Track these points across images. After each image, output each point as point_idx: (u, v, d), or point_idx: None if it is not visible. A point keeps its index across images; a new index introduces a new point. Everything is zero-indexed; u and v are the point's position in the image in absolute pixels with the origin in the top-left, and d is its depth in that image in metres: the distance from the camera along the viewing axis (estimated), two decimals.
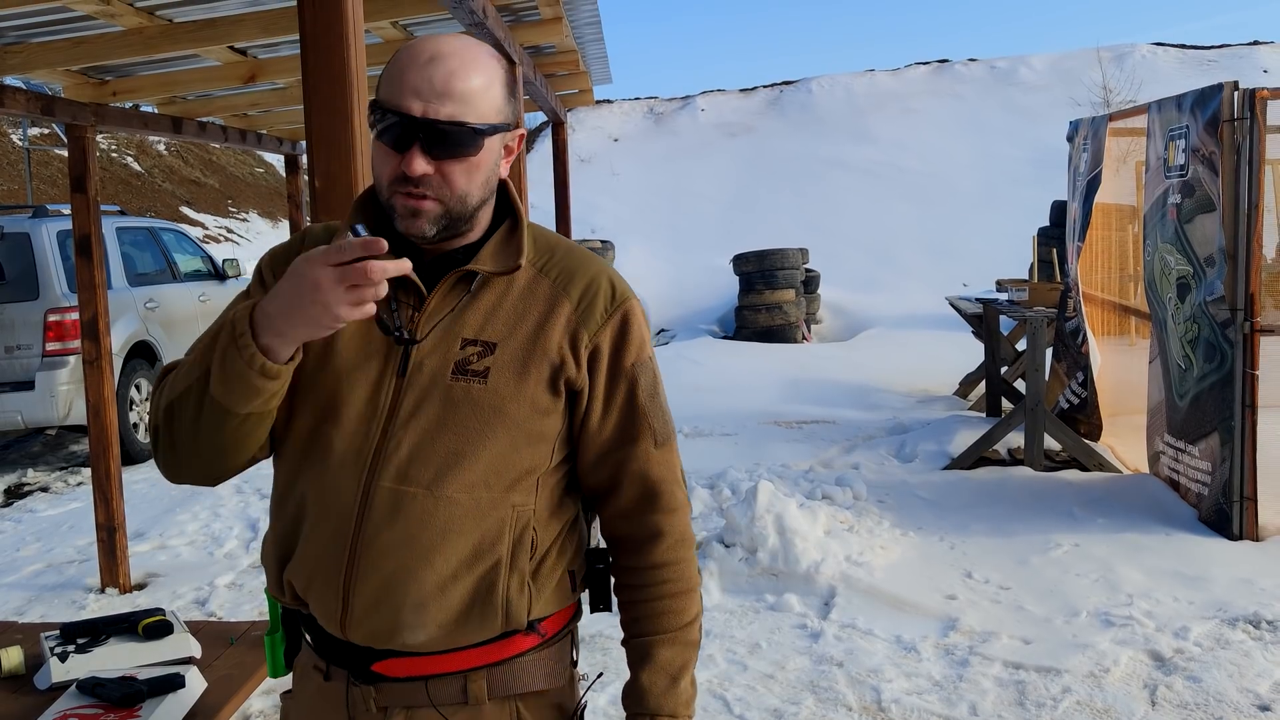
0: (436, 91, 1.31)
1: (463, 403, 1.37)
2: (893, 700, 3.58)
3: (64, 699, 2.18)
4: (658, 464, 1.47)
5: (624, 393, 1.45)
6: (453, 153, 1.33)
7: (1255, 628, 4.01)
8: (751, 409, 8.17)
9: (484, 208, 1.42)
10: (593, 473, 1.48)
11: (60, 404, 7.37)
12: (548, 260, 1.46)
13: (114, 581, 4.92)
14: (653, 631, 1.48)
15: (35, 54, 4.23)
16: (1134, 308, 6.49)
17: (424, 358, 1.38)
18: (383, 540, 1.36)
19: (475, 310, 1.40)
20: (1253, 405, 4.84)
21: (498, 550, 1.39)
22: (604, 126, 22.04)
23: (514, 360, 1.39)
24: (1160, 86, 15.42)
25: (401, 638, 1.38)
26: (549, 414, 1.41)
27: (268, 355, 1.28)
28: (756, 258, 12.71)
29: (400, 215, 1.35)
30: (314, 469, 1.40)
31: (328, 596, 1.38)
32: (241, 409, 1.32)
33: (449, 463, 1.36)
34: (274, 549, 1.46)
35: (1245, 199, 4.79)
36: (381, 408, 1.38)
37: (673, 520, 1.48)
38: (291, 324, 1.26)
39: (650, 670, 1.47)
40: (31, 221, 7.78)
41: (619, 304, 1.46)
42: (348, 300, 1.22)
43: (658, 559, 1.48)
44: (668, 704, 1.47)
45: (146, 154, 26.61)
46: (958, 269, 14.50)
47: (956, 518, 5.34)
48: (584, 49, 6.60)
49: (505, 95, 1.40)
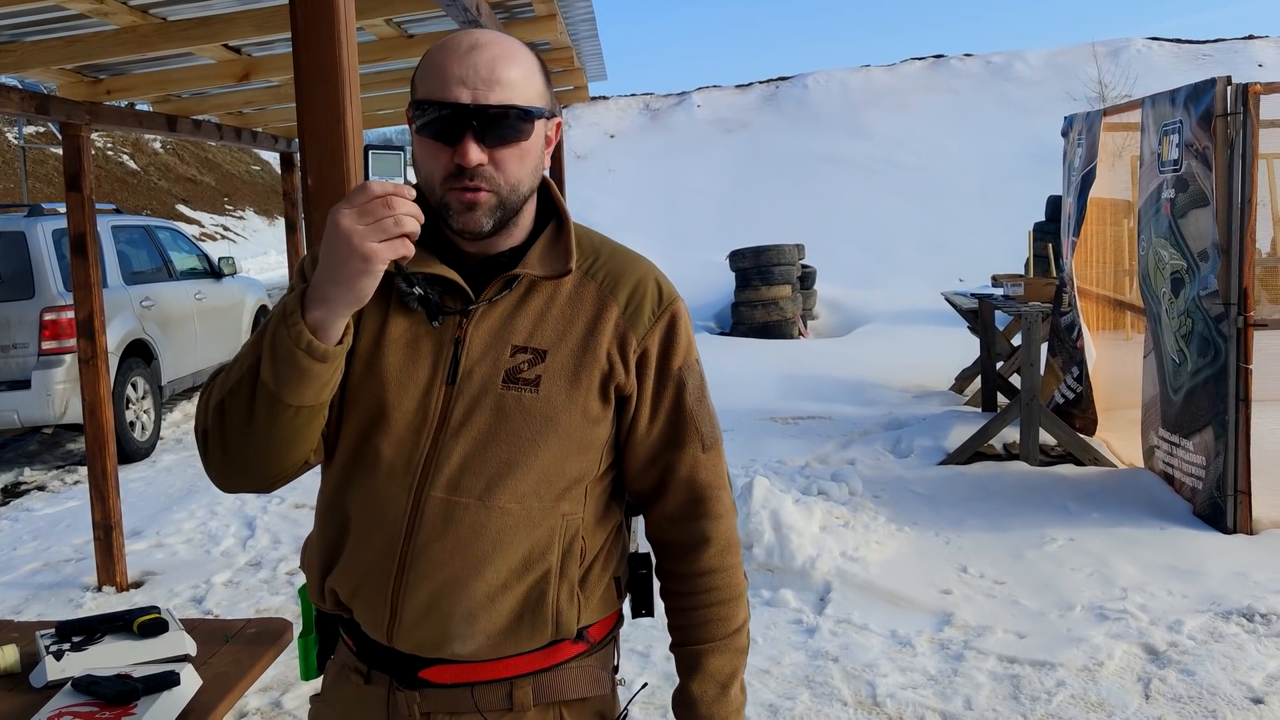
0: (483, 79, 1.29)
1: (514, 412, 1.35)
2: (888, 695, 3.59)
3: (59, 697, 2.18)
4: (705, 468, 1.46)
5: (671, 396, 1.43)
6: (506, 138, 1.31)
7: (1249, 621, 4.02)
8: (747, 405, 8.17)
9: (530, 203, 1.40)
10: (640, 478, 1.46)
11: (56, 403, 7.37)
12: (593, 262, 1.44)
13: (111, 580, 4.92)
14: (702, 640, 1.47)
15: (29, 53, 4.22)
16: (1129, 302, 6.50)
17: (473, 365, 1.36)
18: (434, 551, 1.34)
19: (524, 316, 1.38)
20: (1246, 399, 4.85)
21: (548, 560, 1.37)
22: (600, 123, 22.03)
23: (565, 368, 1.37)
24: (1155, 81, 15.42)
25: (450, 648, 1.36)
26: (599, 422, 1.39)
27: (315, 333, 1.24)
28: (753, 254, 12.72)
29: (456, 211, 1.32)
30: (362, 477, 1.38)
31: (376, 605, 1.37)
32: (293, 398, 1.27)
33: (501, 473, 1.34)
34: (318, 556, 1.44)
35: (1238, 193, 4.80)
36: (431, 416, 1.35)
37: (720, 526, 1.47)
38: (331, 281, 1.22)
39: (700, 679, 1.46)
40: (27, 220, 7.77)
41: (666, 306, 1.44)
42: (373, 236, 1.19)
43: (705, 565, 1.46)
44: (719, 712, 1.46)
45: (143, 152, 26.56)
46: (953, 264, 14.52)
47: (952, 513, 5.35)
48: (579, 46, 6.60)
49: (544, 82, 1.38)
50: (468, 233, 1.34)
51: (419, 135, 1.33)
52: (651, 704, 3.61)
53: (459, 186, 1.31)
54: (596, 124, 21.98)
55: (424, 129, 1.32)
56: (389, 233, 1.20)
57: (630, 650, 4.00)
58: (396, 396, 1.36)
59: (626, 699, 1.53)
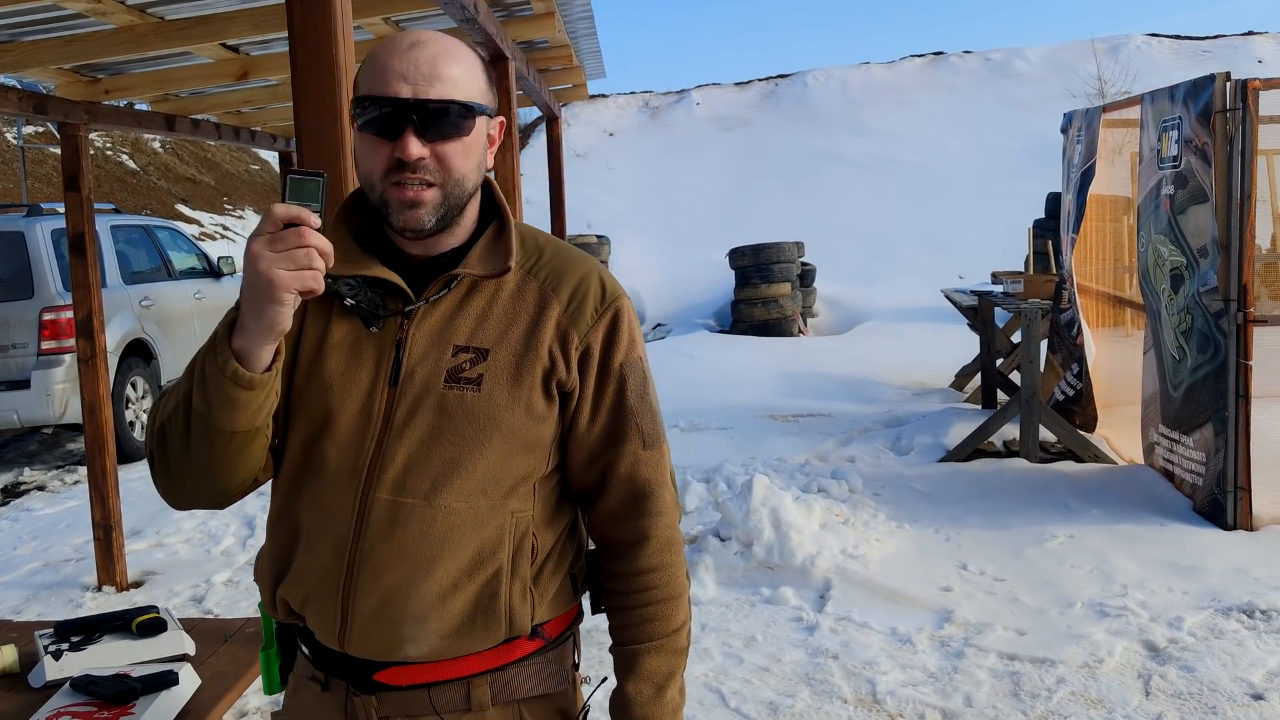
0: (424, 74, 1.30)
1: (457, 411, 1.35)
2: (888, 692, 3.59)
3: (58, 697, 2.19)
4: (646, 465, 1.45)
5: (613, 393, 1.43)
6: (447, 132, 1.31)
7: (1249, 617, 4.02)
8: (747, 403, 8.17)
9: (472, 202, 1.40)
10: (582, 474, 1.46)
11: (56, 402, 7.37)
12: (536, 261, 1.44)
13: (111, 580, 4.92)
14: (639, 639, 1.46)
15: (27, 52, 4.22)
16: (1128, 299, 6.50)
17: (415, 366, 1.36)
18: (381, 553, 1.34)
19: (466, 316, 1.38)
20: (1246, 396, 4.85)
21: (499, 558, 1.37)
22: (599, 121, 22.02)
23: (507, 367, 1.37)
24: (1155, 77, 15.42)
25: (403, 650, 1.36)
26: (544, 420, 1.39)
27: (241, 361, 1.25)
28: (752, 251, 12.72)
29: (396, 208, 1.32)
30: (310, 484, 1.38)
31: (327, 611, 1.36)
32: (225, 424, 1.27)
33: (446, 472, 1.34)
34: (270, 567, 1.44)
35: (1238, 189, 4.80)
36: (375, 418, 1.35)
37: (659, 523, 1.46)
38: (247, 309, 1.23)
39: (636, 679, 1.45)
40: (26, 220, 7.77)
41: (609, 303, 1.43)
42: (280, 265, 1.18)
43: (644, 563, 1.45)
44: (653, 713, 1.44)
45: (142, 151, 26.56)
46: (953, 262, 14.52)
47: (952, 510, 5.35)
48: (577, 43, 6.59)
49: (487, 81, 1.39)
50: (409, 230, 1.34)
51: (360, 133, 1.33)
52: None
53: (398, 181, 1.31)
54: (595, 122, 21.97)
55: (365, 125, 1.32)
56: (298, 263, 1.19)
57: None
58: (340, 400, 1.36)
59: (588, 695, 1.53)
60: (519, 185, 4.71)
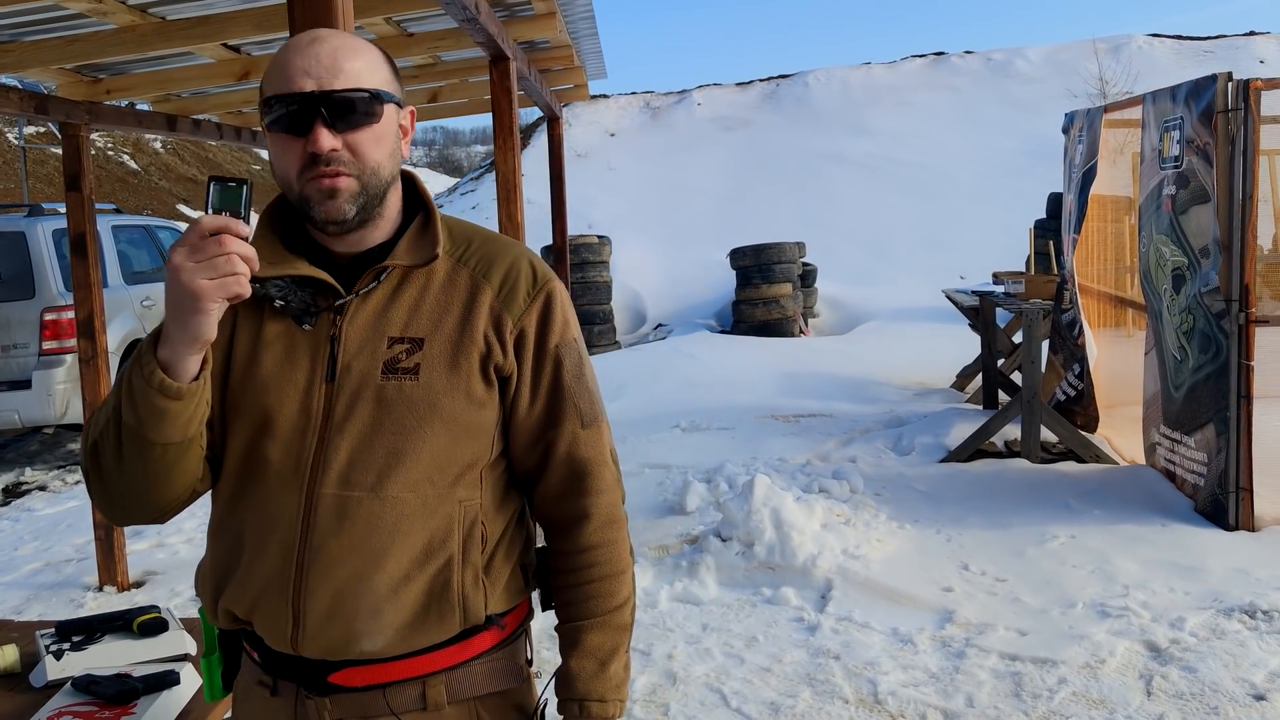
0: (327, 67, 1.31)
1: (397, 401, 1.35)
2: (889, 692, 3.59)
3: (59, 696, 2.18)
4: (585, 444, 1.46)
5: (550, 374, 1.44)
6: (356, 122, 1.32)
7: (1251, 618, 4.02)
8: (748, 403, 8.17)
9: (393, 192, 1.40)
10: (524, 457, 1.47)
11: (57, 403, 7.38)
12: (465, 249, 1.45)
13: (112, 580, 4.92)
14: (582, 615, 1.47)
15: (28, 52, 4.22)
16: (1130, 299, 6.49)
17: (351, 360, 1.36)
18: (331, 548, 1.34)
19: (398, 307, 1.39)
20: (1248, 396, 4.84)
21: (449, 546, 1.37)
22: (600, 121, 22.01)
23: (444, 354, 1.37)
24: (1157, 77, 15.40)
25: (359, 646, 1.35)
26: (484, 405, 1.40)
27: (168, 372, 1.25)
28: (753, 252, 12.71)
29: (316, 202, 1.32)
30: (252, 487, 1.37)
31: (277, 615, 1.35)
32: (156, 436, 1.28)
33: (390, 463, 1.35)
34: (211, 576, 1.42)
35: (1240, 190, 4.79)
36: (314, 415, 1.35)
37: (600, 501, 1.47)
38: (170, 319, 1.23)
39: (579, 655, 1.46)
40: (27, 220, 7.78)
41: (541, 286, 1.44)
42: (202, 274, 1.19)
43: (586, 541, 1.47)
44: (596, 688, 1.45)
45: (143, 152, 26.56)
46: (954, 262, 14.51)
47: (953, 510, 5.35)
48: (578, 44, 6.59)
49: (391, 73, 1.39)
50: (331, 222, 1.34)
51: (271, 133, 1.34)
52: (652, 701, 3.61)
53: (315, 175, 1.31)
54: (597, 122, 21.97)
55: (274, 124, 1.32)
56: (220, 270, 1.20)
57: (631, 648, 4.00)
58: (277, 400, 1.36)
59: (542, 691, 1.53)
60: (520, 185, 4.71)
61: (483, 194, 20.12)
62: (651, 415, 7.80)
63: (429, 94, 6.58)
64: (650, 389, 8.89)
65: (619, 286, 13.99)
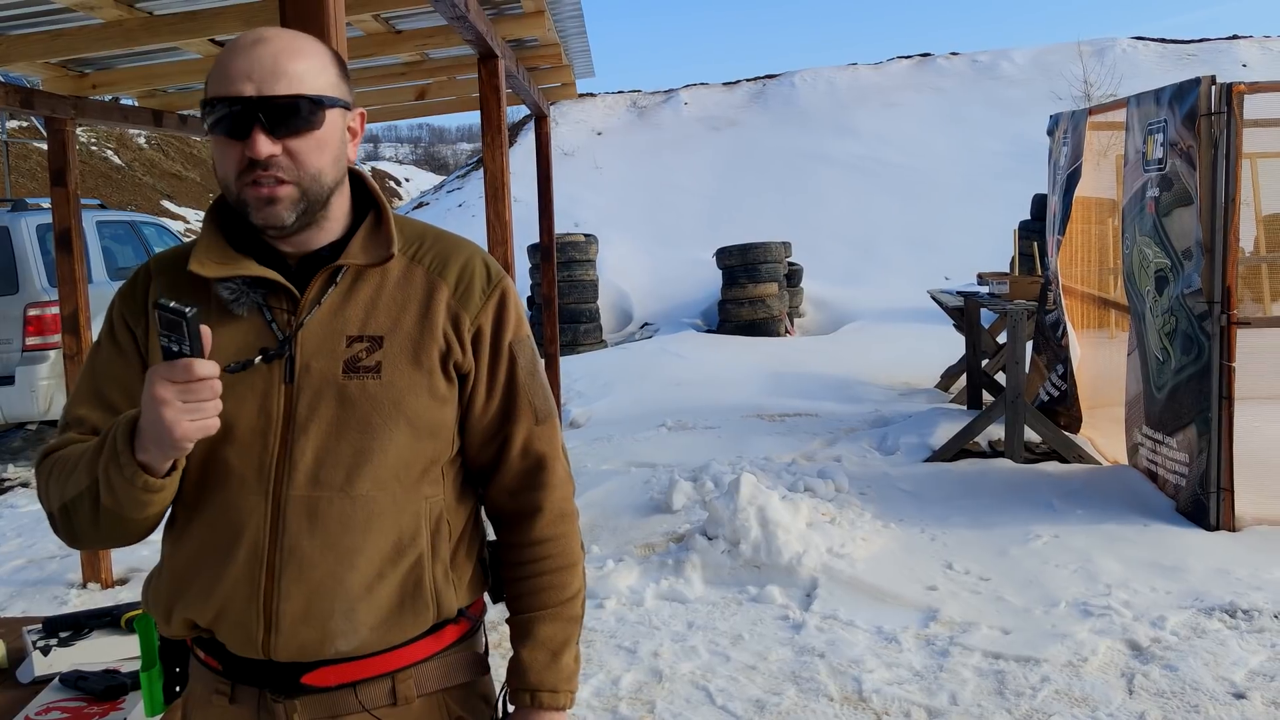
0: (268, 71, 1.29)
1: (360, 400, 1.35)
2: (874, 690, 3.61)
3: (47, 692, 2.18)
4: (539, 440, 1.49)
5: (505, 371, 1.46)
6: (296, 128, 1.30)
7: (1231, 617, 4.05)
8: (734, 402, 8.19)
9: (339, 194, 1.39)
10: (480, 453, 1.48)
11: (41, 399, 7.33)
12: (419, 248, 1.45)
13: (96, 577, 4.91)
14: (534, 607, 1.49)
15: (14, 46, 4.20)
16: (1113, 301, 6.54)
17: (309, 360, 1.35)
18: (304, 549, 1.33)
19: (354, 306, 1.38)
20: (1229, 397, 4.88)
21: (419, 543, 1.38)
22: (587, 120, 22.00)
23: (405, 351, 1.38)
24: (1140, 81, 15.50)
25: (334, 646, 1.35)
26: (446, 402, 1.41)
27: (148, 471, 1.26)
28: (739, 251, 12.73)
29: (254, 207, 1.31)
30: (214, 494, 1.36)
31: (247, 620, 1.34)
32: (137, 515, 1.31)
33: (358, 460, 1.35)
34: (167, 587, 1.40)
35: (1222, 192, 4.83)
36: (275, 417, 1.35)
37: (553, 495, 1.49)
38: (150, 439, 1.24)
39: (531, 646, 1.48)
40: (10, 215, 7.73)
41: (495, 284, 1.46)
42: (189, 416, 1.21)
43: (539, 534, 1.49)
44: (548, 679, 1.47)
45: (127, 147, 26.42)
46: (939, 262, 14.56)
47: (937, 509, 5.38)
48: (566, 42, 6.60)
49: (339, 75, 1.38)
50: (270, 228, 1.33)
51: (212, 134, 1.33)
52: (638, 699, 3.62)
53: (253, 180, 1.30)
54: (584, 121, 21.95)
55: (214, 127, 1.31)
56: (205, 414, 1.22)
57: (617, 646, 4.01)
58: (235, 405, 1.34)
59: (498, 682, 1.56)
60: (508, 184, 4.71)
61: (469, 192, 20.08)
62: (638, 414, 7.81)
63: (417, 91, 6.58)
64: (636, 388, 8.90)
65: (605, 285, 13.98)
